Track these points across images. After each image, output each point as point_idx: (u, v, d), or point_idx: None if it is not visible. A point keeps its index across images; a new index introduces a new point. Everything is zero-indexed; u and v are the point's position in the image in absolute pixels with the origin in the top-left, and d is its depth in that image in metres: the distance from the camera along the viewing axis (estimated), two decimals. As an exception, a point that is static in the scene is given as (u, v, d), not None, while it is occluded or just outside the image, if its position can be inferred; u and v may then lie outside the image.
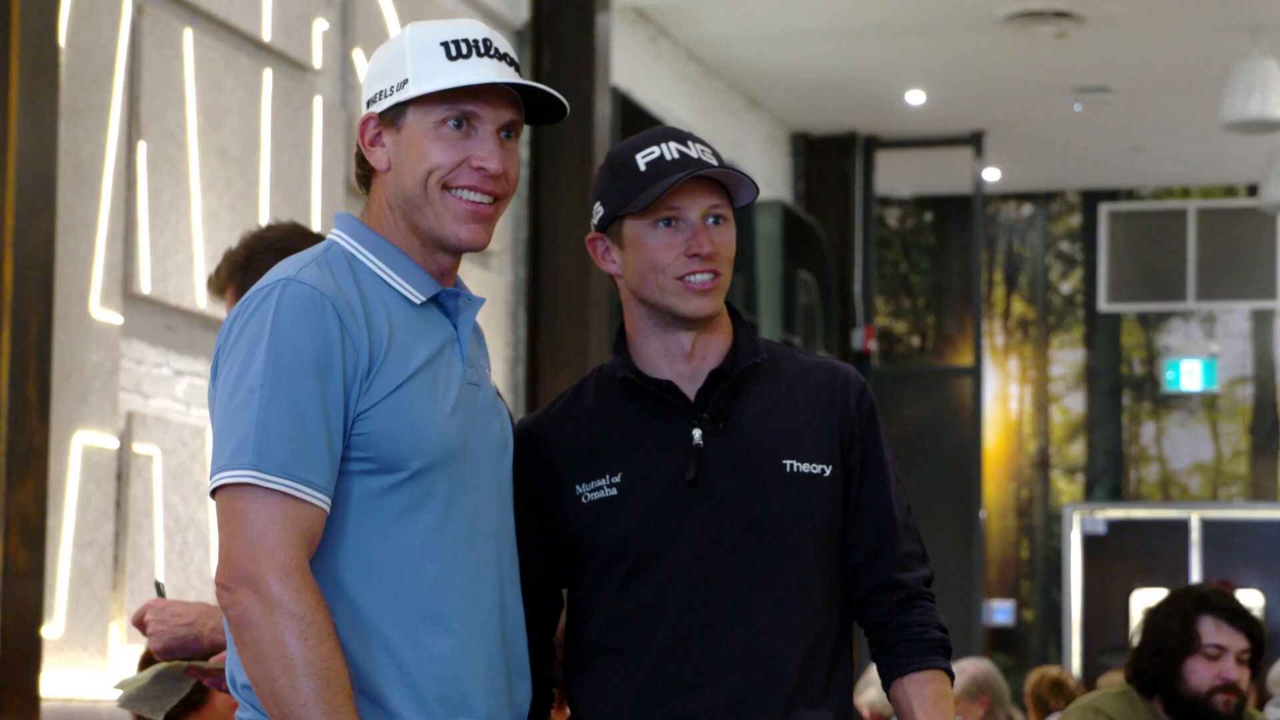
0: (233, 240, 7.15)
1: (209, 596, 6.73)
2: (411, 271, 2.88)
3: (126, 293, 6.42)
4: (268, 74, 7.22)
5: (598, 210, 3.11)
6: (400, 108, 2.85)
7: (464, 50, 2.85)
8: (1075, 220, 16.21)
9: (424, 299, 2.87)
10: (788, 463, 3.04)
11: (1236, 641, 4.76)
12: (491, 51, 2.86)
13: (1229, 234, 15.80)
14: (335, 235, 2.92)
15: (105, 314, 6.28)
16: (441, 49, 2.84)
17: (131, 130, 6.47)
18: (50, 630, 5.96)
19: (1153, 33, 11.41)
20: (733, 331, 3.13)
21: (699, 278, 3.02)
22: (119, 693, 3.53)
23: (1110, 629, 15.56)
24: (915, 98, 13.04)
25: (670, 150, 3.05)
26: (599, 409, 3.10)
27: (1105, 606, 15.78)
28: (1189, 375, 15.85)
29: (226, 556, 2.70)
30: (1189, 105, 12.82)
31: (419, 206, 2.86)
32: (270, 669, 2.65)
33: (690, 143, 3.07)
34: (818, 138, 13.83)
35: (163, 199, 6.57)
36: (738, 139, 12.63)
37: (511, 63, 2.89)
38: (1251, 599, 15.24)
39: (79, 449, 6.14)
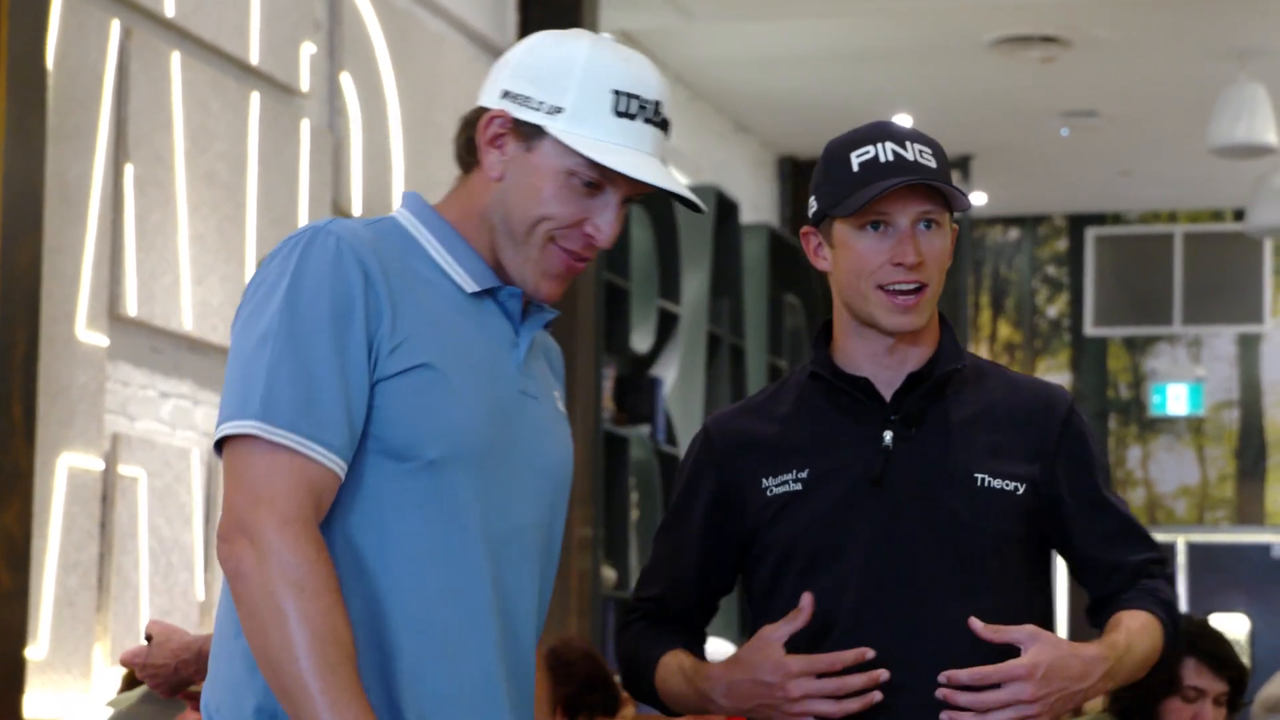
0: (220, 263, 7.16)
1: (195, 620, 6.72)
2: (470, 261, 2.67)
3: (113, 315, 6.41)
4: (255, 97, 7.22)
5: (812, 204, 3.05)
6: (540, 129, 2.64)
7: (632, 110, 2.64)
8: (1062, 244, 16.23)
9: (477, 289, 2.66)
10: (979, 475, 2.96)
11: (1216, 685, 4.75)
12: (658, 119, 2.67)
13: (1216, 258, 15.83)
14: (398, 213, 2.74)
15: (91, 336, 6.28)
16: (612, 97, 2.63)
17: (119, 153, 6.46)
18: (34, 652, 5.95)
19: (1140, 57, 11.43)
20: (939, 338, 3.06)
21: (902, 289, 2.94)
22: (109, 711, 3.54)
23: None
24: (902, 121, 13.05)
25: (885, 151, 2.98)
26: (794, 404, 3.06)
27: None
28: (1175, 399, 15.87)
29: (227, 507, 2.50)
30: (1176, 130, 12.85)
31: (516, 241, 2.66)
32: (263, 623, 2.43)
33: (908, 143, 2.99)
34: (805, 161, 13.82)
35: (150, 221, 6.57)
36: (725, 162, 12.64)
37: (667, 128, 2.71)
38: (1237, 623, 15.24)
39: (64, 471, 6.13)
